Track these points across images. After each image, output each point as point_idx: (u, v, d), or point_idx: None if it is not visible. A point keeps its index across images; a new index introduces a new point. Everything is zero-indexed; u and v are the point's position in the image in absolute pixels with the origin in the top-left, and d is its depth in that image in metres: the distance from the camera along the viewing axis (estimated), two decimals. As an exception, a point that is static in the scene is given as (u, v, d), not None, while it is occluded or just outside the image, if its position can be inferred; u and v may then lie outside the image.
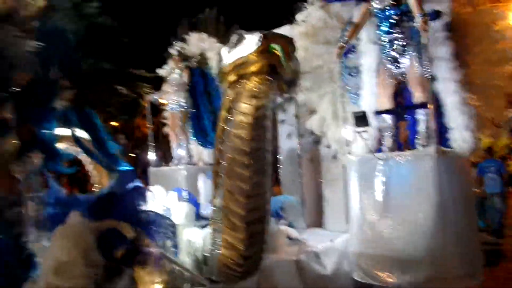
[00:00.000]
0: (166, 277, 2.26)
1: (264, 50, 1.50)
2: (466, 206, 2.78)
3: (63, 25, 2.17)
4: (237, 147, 2.10)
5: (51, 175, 2.35)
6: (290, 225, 3.94)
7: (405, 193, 2.75)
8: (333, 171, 4.13)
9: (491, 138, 4.55)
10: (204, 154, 5.16)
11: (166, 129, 5.58)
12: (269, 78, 1.60)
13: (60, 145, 2.51)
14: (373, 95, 3.32)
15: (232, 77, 1.71)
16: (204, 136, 4.92)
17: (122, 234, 1.70)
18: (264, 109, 1.99)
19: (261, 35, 1.50)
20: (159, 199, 2.98)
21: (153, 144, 5.25)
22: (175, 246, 2.36)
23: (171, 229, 2.19)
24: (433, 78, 2.88)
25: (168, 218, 2.22)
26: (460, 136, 2.76)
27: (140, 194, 2.08)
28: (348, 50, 3.32)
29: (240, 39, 1.60)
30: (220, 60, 1.79)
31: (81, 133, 2.57)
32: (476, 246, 2.82)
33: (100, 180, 3.87)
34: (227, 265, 2.36)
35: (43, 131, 2.17)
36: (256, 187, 2.18)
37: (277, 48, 1.47)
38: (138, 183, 2.24)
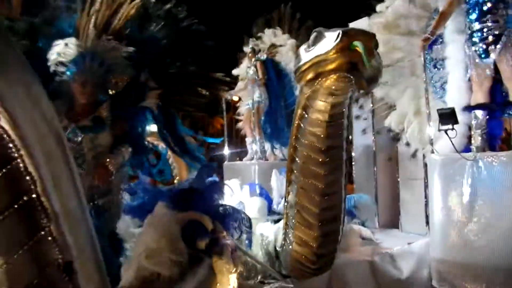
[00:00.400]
0: (241, 268, 2.36)
1: (344, 47, 1.46)
2: None
3: (155, 32, 2.35)
4: (313, 144, 2.09)
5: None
6: (363, 224, 3.83)
7: (495, 197, 2.49)
8: (411, 171, 3.92)
9: None
10: (277, 150, 5.23)
11: (240, 125, 5.76)
12: (348, 76, 1.56)
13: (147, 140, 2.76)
14: (460, 90, 3.06)
15: (310, 75, 1.70)
16: (277, 132, 4.97)
17: (203, 226, 1.80)
18: (341, 106, 1.96)
19: (341, 31, 1.47)
20: (234, 193, 3.09)
21: (228, 139, 5.44)
22: (249, 239, 2.43)
23: (247, 223, 2.27)
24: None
25: (244, 212, 2.30)
26: None
27: (218, 188, 2.18)
28: (433, 41, 3.09)
29: (320, 37, 1.58)
30: (298, 57, 1.80)
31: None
32: None
33: (180, 173, 4.16)
34: (299, 261, 2.38)
35: (134, 127, 2.39)
36: (331, 185, 2.16)
37: (358, 45, 1.43)
38: (216, 178, 2.35)
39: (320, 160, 2.09)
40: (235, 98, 5.69)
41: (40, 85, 0.81)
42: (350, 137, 2.87)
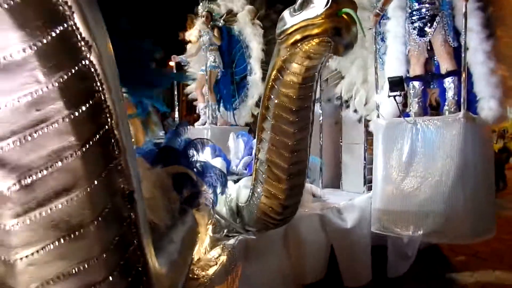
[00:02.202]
0: (215, 222, 2.51)
1: (332, 13, 1.61)
2: (486, 170, 2.98)
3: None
4: (284, 105, 2.23)
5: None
6: (312, 184, 4.20)
7: (430, 155, 2.94)
8: (353, 136, 4.33)
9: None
10: (226, 116, 5.35)
11: (189, 90, 5.71)
12: (330, 40, 1.73)
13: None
14: (398, 61, 3.42)
15: (295, 38, 1.83)
16: (229, 97, 5.06)
17: (191, 178, 1.90)
18: (314, 70, 2.12)
19: (330, -2, 1.62)
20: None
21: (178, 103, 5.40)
22: (223, 193, 2.56)
23: (222, 179, 2.39)
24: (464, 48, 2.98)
25: (219, 169, 2.41)
26: (487, 105, 2.91)
27: (194, 146, 2.27)
28: (382, 15, 3.40)
29: (307, 2, 1.71)
30: (282, 21, 1.91)
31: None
32: (491, 207, 3.06)
33: (137, 135, 4.08)
34: (266, 213, 2.59)
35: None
36: (299, 142, 2.34)
37: (348, 12, 1.59)
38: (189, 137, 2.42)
39: (291, 119, 2.25)
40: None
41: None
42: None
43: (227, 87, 5.09)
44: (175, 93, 5.25)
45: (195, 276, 2.07)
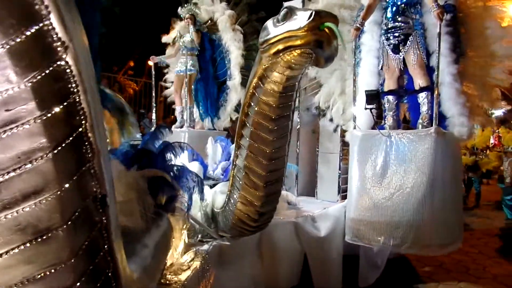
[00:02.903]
0: (190, 226, 2.48)
1: (315, 26, 1.65)
2: (454, 184, 3.09)
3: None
4: (264, 112, 2.25)
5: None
6: (287, 191, 4.23)
7: (402, 167, 3.03)
8: (329, 145, 4.41)
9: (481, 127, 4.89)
10: (205, 120, 5.32)
11: (167, 92, 5.66)
12: (311, 52, 1.76)
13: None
14: (370, 74, 3.53)
15: (277, 48, 1.85)
16: (208, 101, 5.04)
17: (168, 182, 1.88)
18: (295, 80, 2.15)
19: (314, 12, 1.65)
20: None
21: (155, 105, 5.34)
22: (202, 199, 2.54)
23: (199, 184, 2.37)
24: (433, 69, 3.10)
25: (196, 174, 2.39)
26: (458, 121, 3.02)
27: (171, 149, 2.24)
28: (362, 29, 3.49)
29: (291, 14, 1.74)
30: (265, 30, 1.93)
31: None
32: (459, 219, 3.17)
33: (112, 136, 3.99)
34: (242, 220, 2.58)
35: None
36: (277, 150, 2.36)
37: (332, 27, 1.63)
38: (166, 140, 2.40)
39: (270, 127, 2.26)
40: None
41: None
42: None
43: (207, 92, 5.07)
44: (153, 94, 5.19)
45: (167, 282, 2.04)
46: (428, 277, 3.90)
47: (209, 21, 5.08)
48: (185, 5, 4.97)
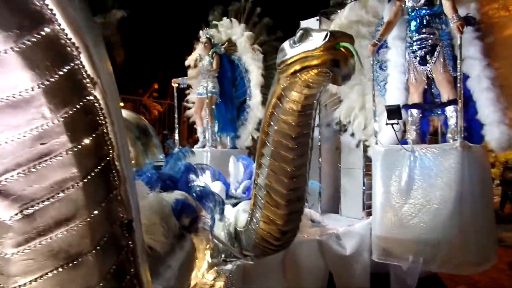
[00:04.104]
0: (213, 246, 2.50)
1: (330, 46, 1.68)
2: (484, 199, 2.98)
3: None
4: (284, 131, 2.27)
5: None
6: (311, 209, 4.19)
7: (428, 183, 2.95)
8: (352, 161, 4.35)
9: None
10: (226, 139, 5.39)
11: (190, 113, 5.79)
12: (328, 71, 1.78)
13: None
14: (398, 90, 3.50)
15: (294, 68, 1.89)
16: (227, 122, 5.12)
17: (190, 204, 1.92)
18: (313, 98, 2.17)
19: (329, 32, 1.68)
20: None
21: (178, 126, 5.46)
22: (221, 220, 2.57)
23: (220, 205, 2.40)
24: (464, 77, 3.03)
25: (218, 194, 2.42)
26: (498, 130, 2.90)
27: (193, 171, 2.29)
28: (380, 45, 3.49)
29: (306, 35, 1.78)
30: (282, 52, 1.98)
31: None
32: (491, 237, 3.03)
33: (137, 158, 4.11)
34: (264, 238, 2.58)
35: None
36: (298, 168, 2.36)
37: (346, 46, 1.65)
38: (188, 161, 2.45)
39: (290, 145, 2.28)
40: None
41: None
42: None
43: (228, 112, 5.16)
44: (175, 115, 5.32)
45: (192, 302, 2.05)
46: (461, 296, 3.74)
47: (227, 43, 5.21)
48: (204, 28, 5.13)
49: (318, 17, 4.56)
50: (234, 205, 3.34)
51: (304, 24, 4.61)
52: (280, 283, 3.06)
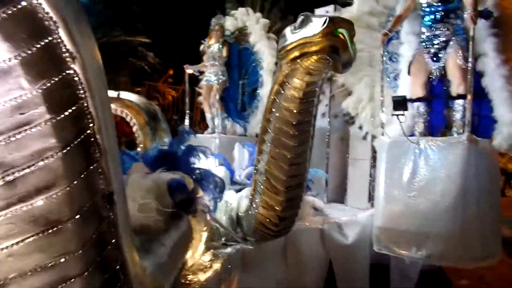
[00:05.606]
0: (210, 228, 2.55)
1: (329, 33, 1.67)
2: (490, 193, 2.93)
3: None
4: (285, 118, 2.28)
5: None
6: (315, 197, 4.19)
7: (432, 175, 2.92)
8: (360, 151, 4.33)
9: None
10: (236, 126, 5.43)
11: (200, 99, 5.83)
12: (328, 58, 1.78)
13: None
14: (409, 84, 3.43)
15: (294, 54, 1.89)
16: (236, 109, 5.16)
17: (186, 184, 1.96)
18: (315, 86, 2.17)
19: (328, 18, 1.67)
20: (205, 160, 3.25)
21: (189, 112, 5.52)
22: (220, 199, 2.60)
23: (220, 187, 2.44)
24: (478, 73, 2.95)
25: (218, 176, 2.46)
26: (506, 129, 2.86)
27: (195, 153, 2.33)
28: (390, 36, 3.42)
29: (307, 21, 1.77)
30: (283, 38, 1.98)
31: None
32: (496, 232, 2.99)
33: (144, 141, 4.21)
34: (263, 224, 2.61)
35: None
36: (298, 156, 2.38)
37: (343, 32, 1.64)
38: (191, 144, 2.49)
39: (291, 132, 2.29)
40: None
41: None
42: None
43: (234, 100, 5.20)
44: (186, 101, 5.38)
45: (187, 281, 2.11)
46: (465, 291, 3.71)
47: (237, 32, 5.21)
48: (217, 16, 5.13)
49: (333, 6, 4.49)
50: (238, 191, 3.38)
51: (318, 12, 4.55)
52: (281, 270, 3.10)
